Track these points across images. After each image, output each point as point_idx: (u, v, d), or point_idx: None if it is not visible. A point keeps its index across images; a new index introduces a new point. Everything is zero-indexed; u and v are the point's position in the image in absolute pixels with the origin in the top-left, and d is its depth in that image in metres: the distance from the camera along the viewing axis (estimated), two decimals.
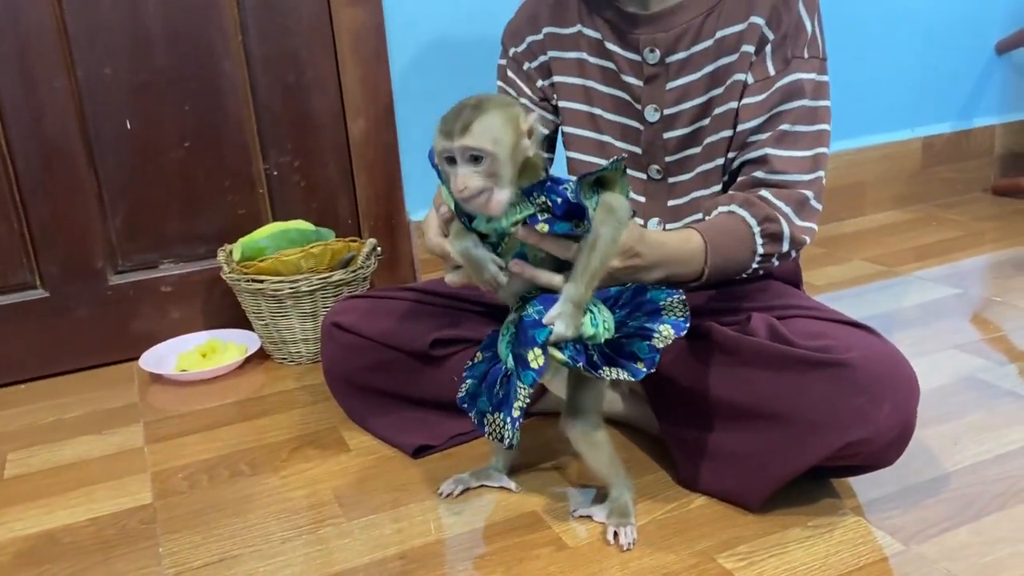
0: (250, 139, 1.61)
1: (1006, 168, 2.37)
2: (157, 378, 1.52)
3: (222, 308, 1.65)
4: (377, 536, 1.02)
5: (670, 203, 1.16)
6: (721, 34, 1.07)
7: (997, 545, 0.93)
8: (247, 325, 1.59)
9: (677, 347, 0.93)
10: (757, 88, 1.06)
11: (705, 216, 1.07)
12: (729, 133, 1.09)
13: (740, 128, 1.07)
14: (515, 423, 0.92)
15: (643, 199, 1.17)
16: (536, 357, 0.89)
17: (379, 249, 1.59)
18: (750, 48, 1.06)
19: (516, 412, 0.91)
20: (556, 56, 1.18)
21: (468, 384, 1.02)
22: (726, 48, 1.07)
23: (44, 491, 1.18)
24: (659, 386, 1.11)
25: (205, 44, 1.54)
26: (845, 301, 1.65)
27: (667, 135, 1.13)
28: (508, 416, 0.92)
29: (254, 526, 1.06)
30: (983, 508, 0.99)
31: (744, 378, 1.00)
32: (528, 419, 1.23)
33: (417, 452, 1.19)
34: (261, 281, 1.45)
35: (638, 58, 1.11)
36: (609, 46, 1.13)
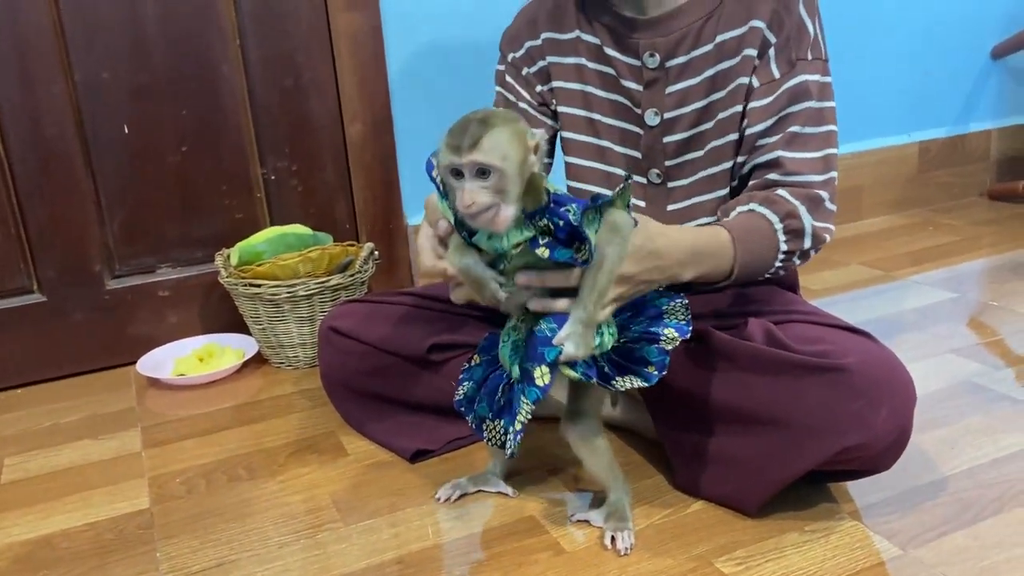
0: (248, 143, 1.61)
1: (1002, 172, 2.38)
2: (154, 382, 1.52)
3: (219, 312, 1.65)
4: (375, 541, 1.02)
5: (670, 207, 1.16)
6: (721, 38, 1.07)
7: (994, 549, 0.93)
8: (245, 329, 1.59)
9: (674, 352, 0.93)
10: (763, 91, 1.06)
11: (723, 217, 1.06)
12: (734, 137, 1.09)
13: (749, 132, 1.07)
14: (517, 435, 0.92)
15: (643, 203, 1.17)
16: (543, 375, 0.89)
17: (377, 253, 1.59)
18: (752, 51, 1.06)
19: (519, 425, 0.92)
20: (555, 61, 1.18)
21: (466, 387, 1.02)
22: (727, 52, 1.07)
23: (41, 496, 1.18)
24: (656, 390, 1.10)
25: (203, 48, 1.54)
26: (842, 306, 1.65)
27: (667, 139, 1.13)
28: (510, 426, 0.93)
29: (252, 531, 1.06)
30: (980, 512, 1.00)
31: (741, 383, 1.00)
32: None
33: (415, 457, 1.19)
34: (259, 285, 1.45)
35: (637, 63, 1.11)
36: (608, 51, 1.13)
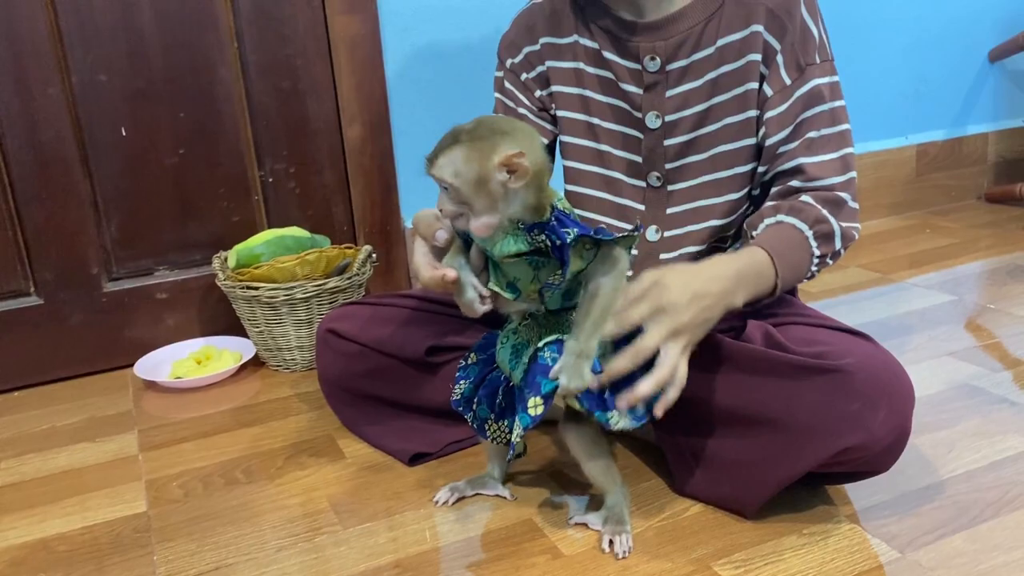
0: (245, 146, 1.61)
1: (999, 175, 2.38)
2: (152, 385, 1.52)
3: (217, 315, 1.65)
4: (372, 544, 1.02)
5: (669, 211, 1.16)
6: (723, 41, 1.07)
7: (992, 552, 0.93)
8: (242, 332, 1.58)
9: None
10: (777, 100, 1.06)
11: (751, 232, 1.07)
12: (749, 142, 1.10)
13: (768, 142, 1.08)
14: (519, 434, 0.93)
15: (642, 207, 1.17)
16: (536, 405, 0.90)
17: (375, 256, 1.59)
18: (756, 57, 1.06)
19: (515, 438, 0.93)
20: (553, 66, 1.18)
21: (462, 387, 1.02)
22: (728, 55, 1.07)
23: (38, 499, 1.18)
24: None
25: (200, 51, 1.54)
26: (840, 308, 1.65)
27: (667, 142, 1.13)
28: (512, 428, 0.94)
29: (249, 534, 1.06)
30: (978, 515, 1.00)
31: (740, 385, 1.00)
32: None
33: (413, 460, 1.19)
34: (256, 288, 1.45)
35: (637, 66, 1.11)
36: (607, 55, 1.13)
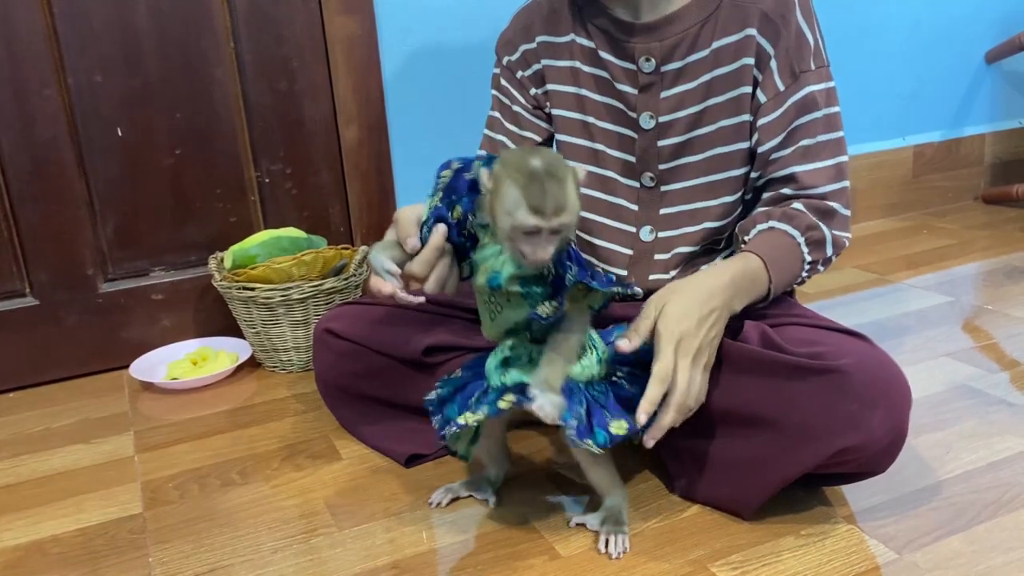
0: (242, 147, 1.61)
1: (996, 176, 2.38)
2: (148, 386, 1.51)
3: (213, 316, 1.64)
4: (369, 546, 1.01)
5: (662, 211, 1.16)
6: (717, 44, 1.07)
7: (990, 553, 0.93)
8: (238, 333, 1.58)
9: None
10: (770, 106, 1.06)
11: (743, 236, 1.08)
12: (743, 146, 1.10)
13: (761, 148, 1.08)
14: (455, 426, 0.95)
15: (635, 207, 1.17)
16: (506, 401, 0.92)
17: None
18: (750, 61, 1.06)
19: (462, 420, 0.94)
20: (549, 64, 1.18)
21: (440, 391, 1.03)
22: (723, 58, 1.07)
23: (32, 501, 1.17)
24: None
25: (197, 52, 1.54)
26: (837, 309, 1.65)
27: (661, 143, 1.13)
28: (453, 416, 0.95)
29: (245, 536, 1.05)
30: (976, 516, 1.00)
31: (737, 385, 0.99)
32: (523, 428, 1.23)
33: (409, 461, 1.19)
34: (252, 289, 1.45)
35: (633, 67, 1.11)
36: (603, 55, 1.13)
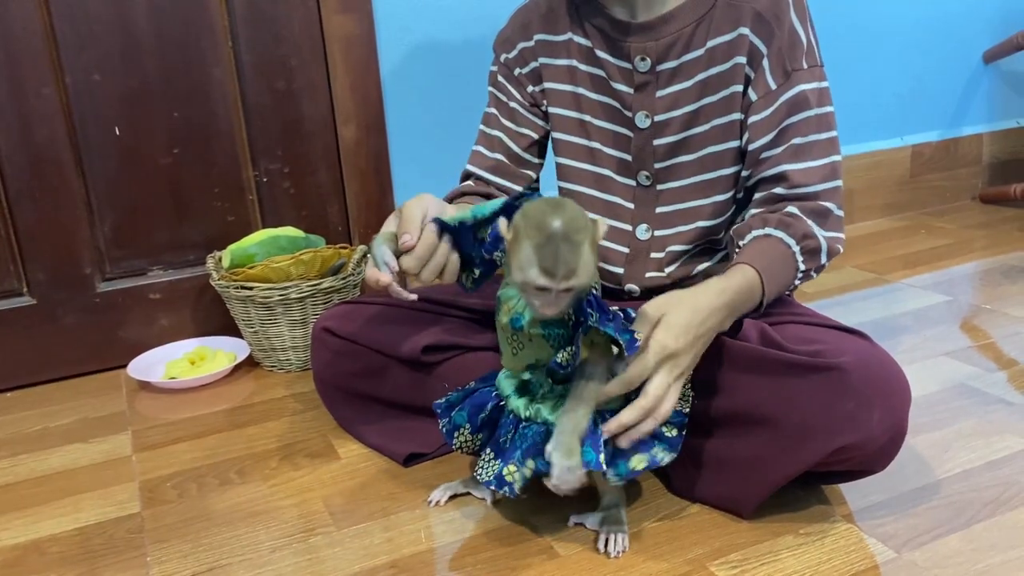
0: (240, 146, 1.61)
1: (994, 176, 2.39)
2: (145, 386, 1.51)
3: (211, 315, 1.64)
4: (367, 545, 1.01)
5: (658, 210, 1.16)
6: (712, 43, 1.07)
7: (988, 552, 0.93)
8: (236, 332, 1.58)
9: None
10: (761, 104, 1.06)
11: (738, 241, 1.07)
12: (733, 145, 1.09)
13: (751, 147, 1.07)
14: (504, 485, 0.95)
15: (631, 206, 1.17)
16: (511, 474, 0.93)
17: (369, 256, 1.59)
18: (742, 59, 1.06)
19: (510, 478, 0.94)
20: (547, 63, 1.18)
21: (451, 396, 1.04)
22: (718, 57, 1.07)
23: (30, 500, 1.17)
24: None
25: (195, 51, 1.53)
26: (835, 309, 1.65)
27: (657, 142, 1.13)
28: (503, 469, 0.95)
29: (243, 535, 1.05)
30: (974, 515, 1.00)
31: (736, 384, 0.99)
32: None
33: (408, 460, 1.18)
34: (250, 288, 1.44)
35: (628, 66, 1.12)
36: (599, 54, 1.13)
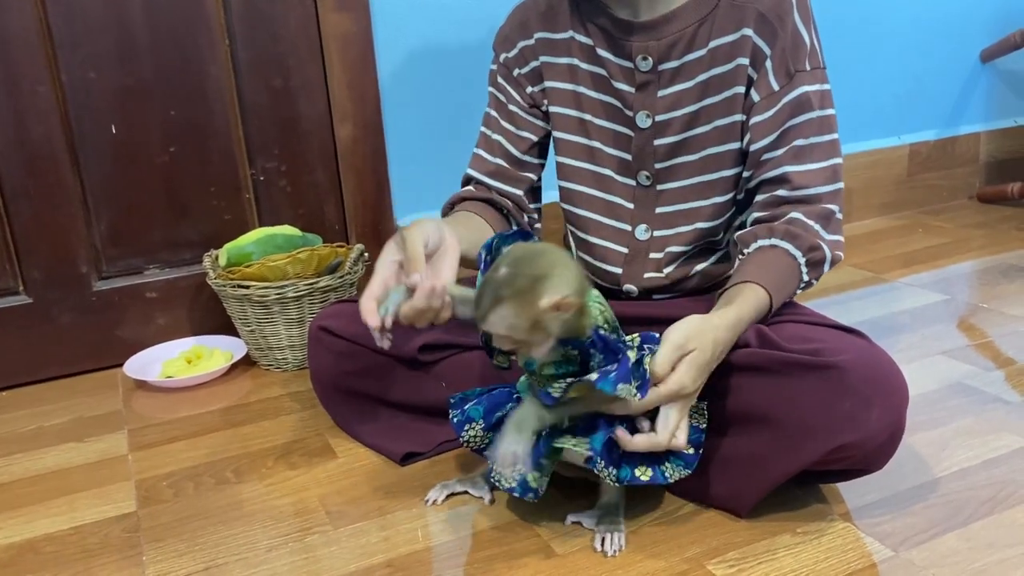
0: (236, 144, 1.60)
1: (991, 175, 2.39)
2: (142, 385, 1.51)
3: (208, 314, 1.64)
4: (364, 544, 1.01)
5: (658, 210, 1.16)
6: (714, 44, 1.07)
7: (986, 551, 0.93)
8: (233, 331, 1.58)
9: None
10: (764, 105, 1.06)
11: (743, 248, 1.07)
12: (734, 146, 1.09)
13: (753, 148, 1.07)
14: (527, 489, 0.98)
15: (631, 206, 1.17)
16: (536, 479, 0.98)
17: (366, 255, 1.58)
18: (744, 60, 1.06)
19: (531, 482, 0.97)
20: (548, 61, 1.18)
21: (469, 392, 1.04)
22: (720, 58, 1.07)
23: (25, 499, 1.17)
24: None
25: (191, 48, 1.53)
26: (833, 308, 1.65)
27: (658, 142, 1.13)
28: (524, 476, 0.97)
29: (239, 534, 1.05)
30: (972, 514, 1.00)
31: (734, 382, 0.99)
32: None
33: (405, 459, 1.18)
34: (247, 287, 1.44)
35: (630, 65, 1.11)
36: (601, 53, 1.13)
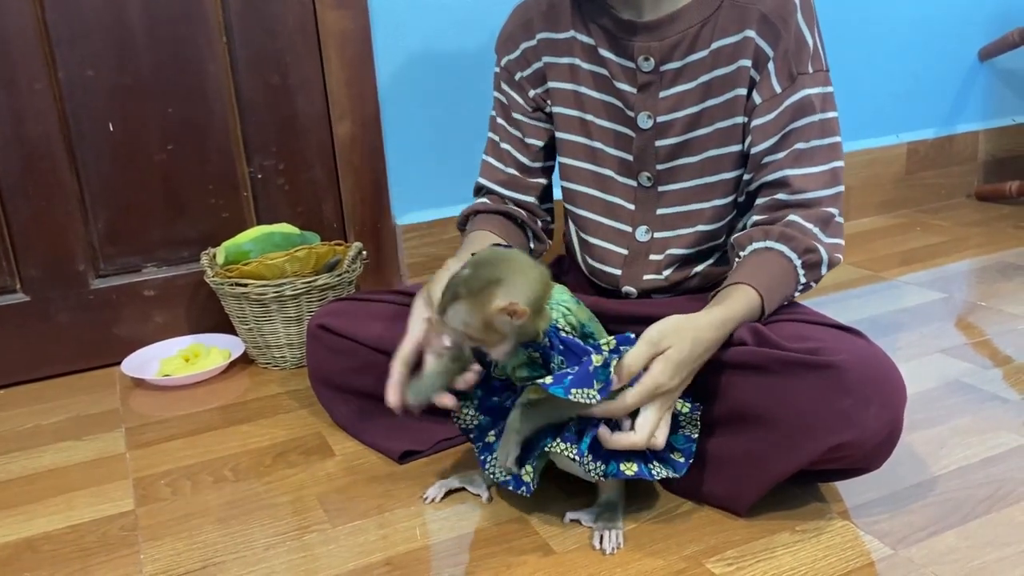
0: (234, 142, 1.60)
1: (989, 173, 2.39)
2: (139, 383, 1.50)
3: (206, 312, 1.63)
4: (362, 542, 1.01)
5: (659, 211, 1.15)
6: (717, 45, 1.07)
7: (984, 549, 0.93)
8: (231, 329, 1.57)
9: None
10: (765, 108, 1.06)
11: (739, 251, 1.07)
12: (735, 149, 1.09)
13: (754, 150, 1.07)
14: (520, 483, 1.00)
15: (632, 207, 1.17)
16: (528, 473, 1.00)
17: (365, 253, 1.58)
18: (747, 62, 1.06)
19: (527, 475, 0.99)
20: (550, 61, 1.18)
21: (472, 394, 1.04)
22: (722, 59, 1.07)
23: (23, 498, 1.17)
24: None
25: (189, 46, 1.53)
26: (831, 306, 1.65)
27: (659, 143, 1.12)
28: (527, 464, 0.99)
29: (238, 533, 1.05)
30: (970, 512, 1.00)
31: (732, 382, 0.99)
32: None
33: (403, 458, 1.18)
34: (245, 285, 1.44)
35: (632, 65, 1.11)
36: (603, 52, 1.13)
